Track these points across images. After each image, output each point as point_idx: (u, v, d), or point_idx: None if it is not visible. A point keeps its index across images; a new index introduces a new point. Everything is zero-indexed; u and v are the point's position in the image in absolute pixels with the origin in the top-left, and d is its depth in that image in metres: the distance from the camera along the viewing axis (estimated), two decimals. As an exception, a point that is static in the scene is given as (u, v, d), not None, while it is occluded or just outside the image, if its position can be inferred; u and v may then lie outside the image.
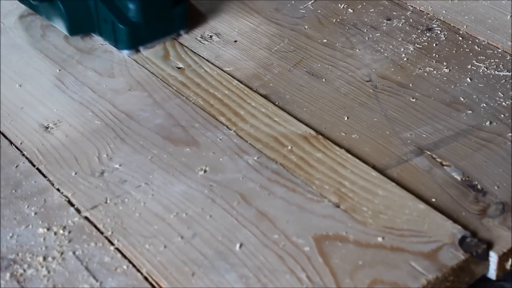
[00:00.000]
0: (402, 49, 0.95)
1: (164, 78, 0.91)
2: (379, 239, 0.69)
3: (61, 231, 0.71)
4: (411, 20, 1.01)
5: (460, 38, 0.97)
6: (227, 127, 0.83)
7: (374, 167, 0.77)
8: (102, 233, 0.70)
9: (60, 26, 0.97)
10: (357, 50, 0.95)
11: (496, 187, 0.74)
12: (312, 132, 0.81)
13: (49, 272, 0.67)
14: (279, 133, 0.82)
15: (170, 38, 0.97)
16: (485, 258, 0.68)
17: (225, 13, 1.04)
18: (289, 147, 0.80)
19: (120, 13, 0.93)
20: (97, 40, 0.98)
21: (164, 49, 0.96)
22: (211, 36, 0.99)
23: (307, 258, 0.67)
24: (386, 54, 0.94)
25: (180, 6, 0.97)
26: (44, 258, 0.68)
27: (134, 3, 0.93)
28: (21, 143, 0.82)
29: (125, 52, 0.95)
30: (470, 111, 0.84)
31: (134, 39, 0.95)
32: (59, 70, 0.93)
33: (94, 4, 0.95)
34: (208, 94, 0.88)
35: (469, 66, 0.92)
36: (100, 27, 0.96)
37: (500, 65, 0.92)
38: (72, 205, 0.74)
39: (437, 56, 0.94)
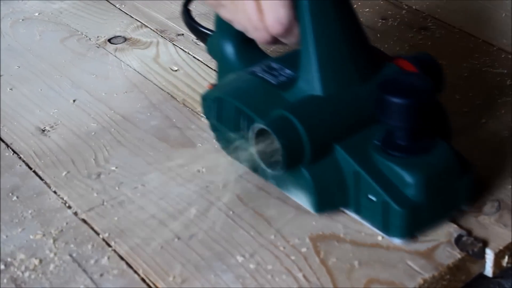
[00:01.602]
0: (397, 48, 0.95)
1: (160, 80, 0.91)
2: (376, 238, 0.69)
3: (58, 234, 0.71)
4: (406, 19, 1.01)
5: (456, 36, 0.97)
6: (223, 128, 0.83)
7: (370, 166, 0.77)
8: (99, 234, 0.70)
9: (300, 199, 0.72)
10: (353, 49, 0.95)
11: (492, 185, 0.74)
12: (308, 132, 0.81)
13: (46, 274, 0.67)
14: (275, 133, 0.82)
15: (449, 218, 0.71)
16: (481, 256, 0.68)
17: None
18: (285, 147, 0.80)
19: (394, 189, 0.67)
20: (93, 42, 0.99)
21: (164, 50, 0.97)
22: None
23: (303, 258, 0.67)
24: (381, 54, 0.94)
25: (468, 176, 0.70)
26: (41, 261, 0.68)
27: (415, 176, 0.66)
28: (17, 146, 0.82)
29: (397, 241, 0.68)
30: (466, 109, 0.85)
31: (413, 224, 0.68)
32: (55, 73, 0.93)
33: (353, 176, 0.69)
34: (204, 95, 0.88)
35: (465, 64, 0.92)
36: (360, 204, 0.69)
37: (496, 63, 0.92)
38: (69, 207, 0.74)
39: (432, 54, 0.94)
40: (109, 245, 0.69)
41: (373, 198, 0.67)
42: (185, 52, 0.96)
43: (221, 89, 0.77)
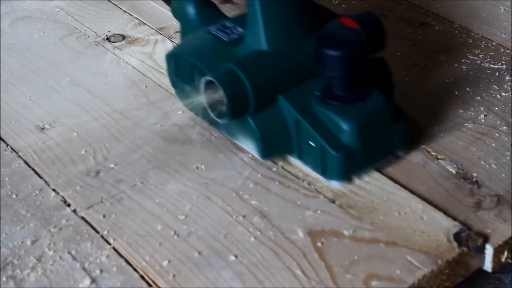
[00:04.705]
0: (396, 44, 0.95)
1: (158, 77, 0.91)
2: (374, 234, 0.69)
3: (57, 231, 0.71)
4: (405, 15, 1.01)
5: (455, 32, 0.97)
6: (222, 124, 0.83)
7: (369, 162, 0.77)
8: (98, 232, 0.70)
9: (248, 146, 0.78)
10: (352, 45, 0.95)
11: (491, 180, 0.74)
12: (307, 128, 0.81)
13: (45, 272, 0.67)
14: (274, 130, 0.82)
15: (385, 162, 0.77)
16: (481, 251, 0.68)
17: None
18: (284, 144, 0.80)
19: (331, 136, 0.72)
20: (91, 40, 0.99)
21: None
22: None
23: (302, 254, 0.67)
24: (380, 49, 0.94)
25: (401, 122, 0.75)
26: (40, 259, 0.68)
27: (350, 124, 0.72)
28: (16, 144, 0.82)
29: (335, 183, 0.74)
30: (465, 104, 0.84)
31: (348, 167, 0.74)
32: (54, 71, 0.93)
33: (295, 124, 0.74)
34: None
35: (464, 60, 0.92)
36: (301, 150, 0.75)
37: (495, 58, 0.92)
38: (68, 205, 0.74)
39: (431, 50, 0.94)
40: (108, 243, 0.69)
41: (312, 144, 0.73)
42: (184, 49, 0.96)
43: (179, 47, 0.84)
